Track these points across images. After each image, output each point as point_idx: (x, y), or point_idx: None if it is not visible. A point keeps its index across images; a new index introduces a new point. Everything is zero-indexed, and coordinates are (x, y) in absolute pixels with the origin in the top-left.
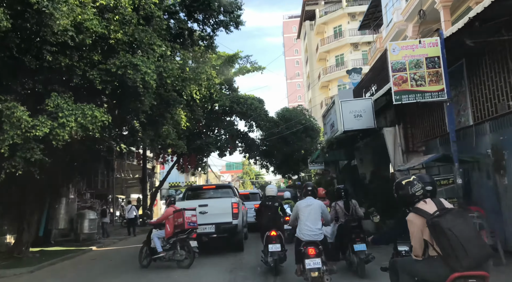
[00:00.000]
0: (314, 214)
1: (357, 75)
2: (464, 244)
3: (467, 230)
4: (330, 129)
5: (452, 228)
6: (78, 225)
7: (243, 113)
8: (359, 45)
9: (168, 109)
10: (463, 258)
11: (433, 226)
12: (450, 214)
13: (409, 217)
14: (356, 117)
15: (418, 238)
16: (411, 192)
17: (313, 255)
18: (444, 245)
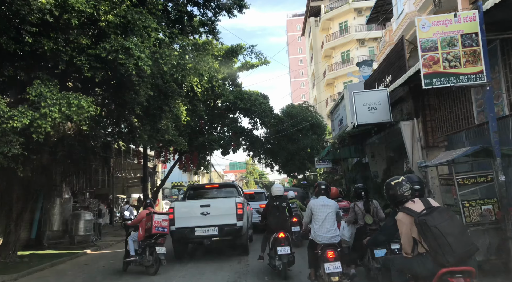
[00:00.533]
0: (331, 215)
1: (367, 68)
2: (449, 241)
3: (452, 227)
4: (339, 126)
5: (437, 226)
6: (73, 227)
7: (247, 110)
8: (366, 41)
9: (166, 101)
10: (449, 254)
11: (420, 224)
12: (436, 212)
13: (398, 216)
14: (370, 110)
15: (407, 236)
16: (399, 192)
17: (333, 258)
18: (431, 242)
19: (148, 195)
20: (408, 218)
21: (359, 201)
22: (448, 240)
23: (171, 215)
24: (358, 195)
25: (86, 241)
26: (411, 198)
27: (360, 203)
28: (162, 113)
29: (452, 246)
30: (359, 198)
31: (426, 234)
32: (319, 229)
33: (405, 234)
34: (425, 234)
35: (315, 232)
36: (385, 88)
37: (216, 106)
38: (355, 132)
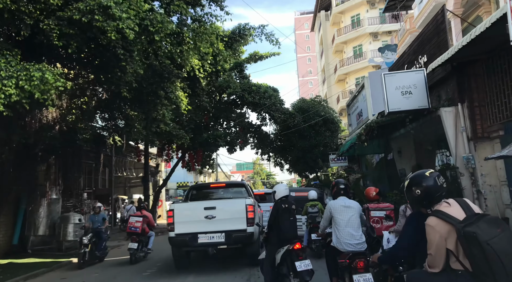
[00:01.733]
0: (355, 218)
1: (391, 53)
2: (504, 262)
3: (507, 244)
4: (357, 119)
5: (490, 242)
6: (61, 231)
7: (255, 104)
8: (379, 35)
9: (162, 84)
10: (501, 277)
11: (466, 237)
12: (484, 222)
13: (430, 221)
14: (404, 95)
15: (440, 247)
16: (439, 183)
17: (363, 269)
18: (478, 261)
19: (150, 195)
20: (445, 225)
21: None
22: (503, 261)
23: (170, 219)
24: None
25: (76, 247)
26: (444, 196)
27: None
28: (157, 99)
29: (507, 268)
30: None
31: (472, 250)
32: (343, 235)
33: (437, 245)
34: (471, 250)
35: (338, 238)
36: (422, 69)
37: (222, 100)
38: (386, 121)
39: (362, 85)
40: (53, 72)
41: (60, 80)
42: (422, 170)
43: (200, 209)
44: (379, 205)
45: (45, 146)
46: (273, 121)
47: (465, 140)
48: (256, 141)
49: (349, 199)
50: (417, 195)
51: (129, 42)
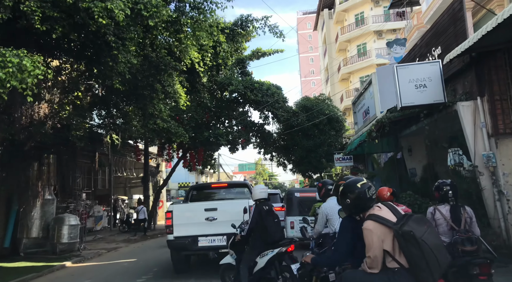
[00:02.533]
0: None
1: (400, 48)
2: (436, 255)
3: (435, 239)
4: (363, 117)
5: (423, 237)
6: (55, 233)
7: (257, 102)
8: (384, 33)
9: (159, 77)
10: (436, 270)
11: (404, 236)
12: (413, 221)
13: (368, 225)
14: (418, 88)
15: (379, 248)
16: (369, 195)
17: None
18: (415, 257)
19: (150, 196)
20: (381, 228)
21: (443, 205)
22: (435, 254)
23: (168, 221)
24: (443, 195)
25: (71, 250)
26: (375, 203)
27: (444, 208)
28: (154, 93)
29: (439, 261)
30: (444, 200)
31: (410, 248)
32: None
33: (376, 247)
34: (408, 247)
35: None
36: (437, 60)
37: (223, 98)
38: (398, 117)
39: (369, 81)
40: (32, 59)
41: (39, 67)
42: (355, 179)
43: (201, 211)
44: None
45: (36, 144)
46: (276, 120)
47: (485, 137)
48: (258, 140)
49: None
50: (348, 203)
51: (121, 29)
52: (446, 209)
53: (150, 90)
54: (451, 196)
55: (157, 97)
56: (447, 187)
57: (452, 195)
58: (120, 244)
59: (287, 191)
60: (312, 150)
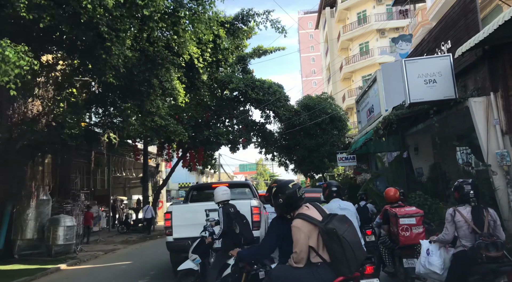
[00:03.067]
0: (354, 221)
1: (406, 44)
2: (354, 250)
3: (354, 236)
4: (367, 116)
5: (344, 234)
6: (50, 234)
7: (258, 101)
8: (387, 31)
9: (155, 71)
10: (353, 263)
11: (328, 233)
12: (336, 220)
13: (296, 223)
14: (428, 84)
15: (305, 244)
16: (299, 195)
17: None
18: (336, 251)
19: (149, 196)
20: (308, 225)
21: (463, 206)
22: (353, 249)
23: (167, 222)
24: (463, 196)
25: (67, 251)
26: (304, 203)
27: (465, 210)
28: (151, 89)
29: (357, 255)
30: (465, 201)
31: (332, 244)
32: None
33: (302, 243)
34: (331, 243)
35: None
36: (448, 54)
37: (223, 96)
38: (406, 114)
39: (374, 78)
40: (15, 50)
41: (24, 58)
42: (287, 181)
43: (201, 211)
44: (407, 211)
45: (29, 142)
46: (277, 119)
47: (499, 134)
48: (259, 140)
49: (342, 200)
50: (280, 203)
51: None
52: (467, 211)
53: (147, 86)
54: (473, 197)
55: (155, 93)
56: (468, 187)
57: (473, 195)
58: (118, 245)
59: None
60: (314, 150)
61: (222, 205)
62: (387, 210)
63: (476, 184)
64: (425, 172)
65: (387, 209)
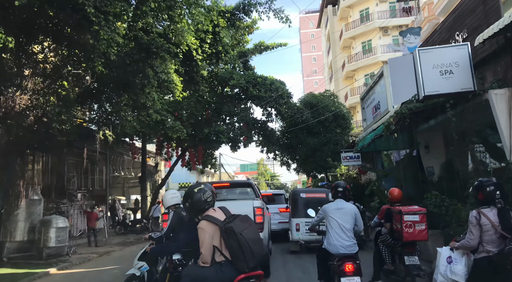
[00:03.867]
0: (347, 220)
1: (414, 37)
2: (252, 247)
3: (253, 233)
4: (373, 113)
5: (242, 233)
6: (41, 236)
7: (260, 98)
8: (389, 29)
9: (150, 61)
10: (251, 260)
11: (227, 232)
12: (238, 220)
13: (201, 224)
14: (443, 75)
15: (209, 244)
16: (203, 198)
17: (351, 272)
18: (235, 249)
19: (147, 196)
20: (212, 226)
21: (489, 208)
22: (250, 246)
23: (165, 224)
24: (487, 196)
25: (60, 254)
26: (212, 205)
27: (490, 212)
28: (145, 80)
29: (254, 251)
30: (489, 202)
31: (230, 241)
32: (333, 237)
33: (207, 243)
34: (229, 241)
35: (328, 241)
36: (465, 43)
37: (224, 93)
38: (420, 108)
39: (381, 73)
40: None
41: None
42: (194, 185)
43: None
44: (410, 208)
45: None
46: (279, 117)
47: None
48: (261, 138)
49: (346, 201)
50: (187, 206)
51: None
52: (493, 213)
53: (142, 77)
54: (499, 198)
55: (150, 85)
56: (492, 187)
57: (500, 196)
58: (114, 247)
59: (292, 191)
60: (317, 149)
61: (174, 209)
62: (390, 209)
63: (501, 184)
64: (436, 171)
65: (390, 208)
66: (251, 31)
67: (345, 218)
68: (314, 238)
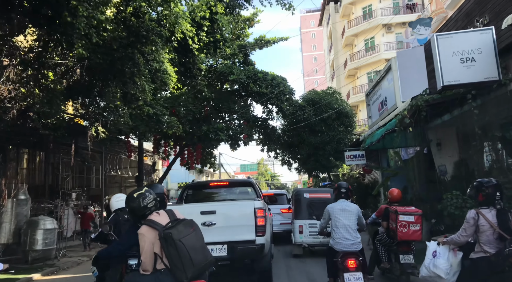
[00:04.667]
0: (352, 220)
1: (425, 29)
2: (191, 255)
3: (195, 240)
4: (379, 110)
5: (182, 239)
6: (28, 239)
7: (261, 95)
8: (393, 27)
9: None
10: (189, 268)
11: (165, 238)
12: (182, 225)
13: (141, 230)
14: (464, 62)
15: (149, 251)
16: (143, 204)
17: (354, 268)
18: (173, 257)
19: None
20: (153, 232)
21: (488, 209)
22: (190, 254)
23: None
24: (488, 197)
25: (48, 257)
26: (155, 210)
27: (489, 213)
28: (134, 67)
29: (194, 260)
30: (489, 203)
31: (169, 249)
32: (338, 235)
33: (147, 250)
34: (168, 249)
35: (333, 239)
36: (489, 27)
37: (223, 90)
38: (438, 99)
39: (388, 67)
40: None
41: None
42: (134, 191)
43: (196, 214)
44: (406, 209)
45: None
46: (281, 115)
47: None
48: (262, 137)
49: (349, 202)
50: (128, 211)
51: None
52: (492, 214)
53: (131, 65)
54: (499, 199)
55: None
56: (493, 188)
57: (499, 197)
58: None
59: (295, 191)
60: (319, 147)
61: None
62: (387, 208)
63: (501, 185)
64: (449, 170)
65: (387, 207)
66: (252, 24)
67: (350, 218)
68: (318, 241)
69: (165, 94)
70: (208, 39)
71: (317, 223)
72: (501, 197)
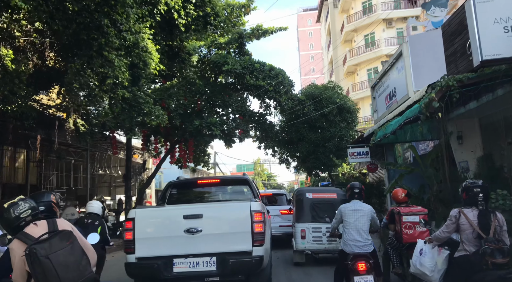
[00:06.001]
0: (363, 221)
1: (440, 10)
2: (60, 273)
3: (68, 256)
4: (387, 102)
5: (50, 256)
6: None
7: (258, 87)
8: (394, 21)
9: (106, 9)
10: None
11: (29, 254)
12: (56, 238)
13: (11, 244)
14: (509, 32)
15: (19, 269)
16: (14, 214)
17: (364, 271)
18: (38, 275)
19: (131, 196)
20: (23, 246)
21: (470, 209)
22: (58, 272)
23: (128, 234)
24: (471, 197)
25: None
26: (32, 220)
27: (471, 212)
28: (102, 37)
29: (62, 279)
30: (472, 203)
31: (34, 266)
32: (349, 237)
33: (17, 267)
34: (33, 266)
35: (344, 240)
36: None
37: (217, 83)
38: (473, 78)
39: (399, 54)
40: None
41: None
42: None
43: (178, 218)
44: (411, 209)
45: None
46: (279, 110)
47: None
48: (258, 133)
49: (362, 202)
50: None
51: None
52: (474, 214)
53: (98, 34)
54: (481, 200)
55: (108, 46)
56: (478, 189)
57: (482, 198)
58: None
59: (297, 190)
60: (320, 145)
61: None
62: (393, 210)
63: (487, 187)
64: (471, 167)
65: (393, 209)
66: (248, 11)
67: (362, 220)
68: (323, 248)
69: (154, 86)
70: (197, 13)
71: (321, 227)
72: (484, 198)
